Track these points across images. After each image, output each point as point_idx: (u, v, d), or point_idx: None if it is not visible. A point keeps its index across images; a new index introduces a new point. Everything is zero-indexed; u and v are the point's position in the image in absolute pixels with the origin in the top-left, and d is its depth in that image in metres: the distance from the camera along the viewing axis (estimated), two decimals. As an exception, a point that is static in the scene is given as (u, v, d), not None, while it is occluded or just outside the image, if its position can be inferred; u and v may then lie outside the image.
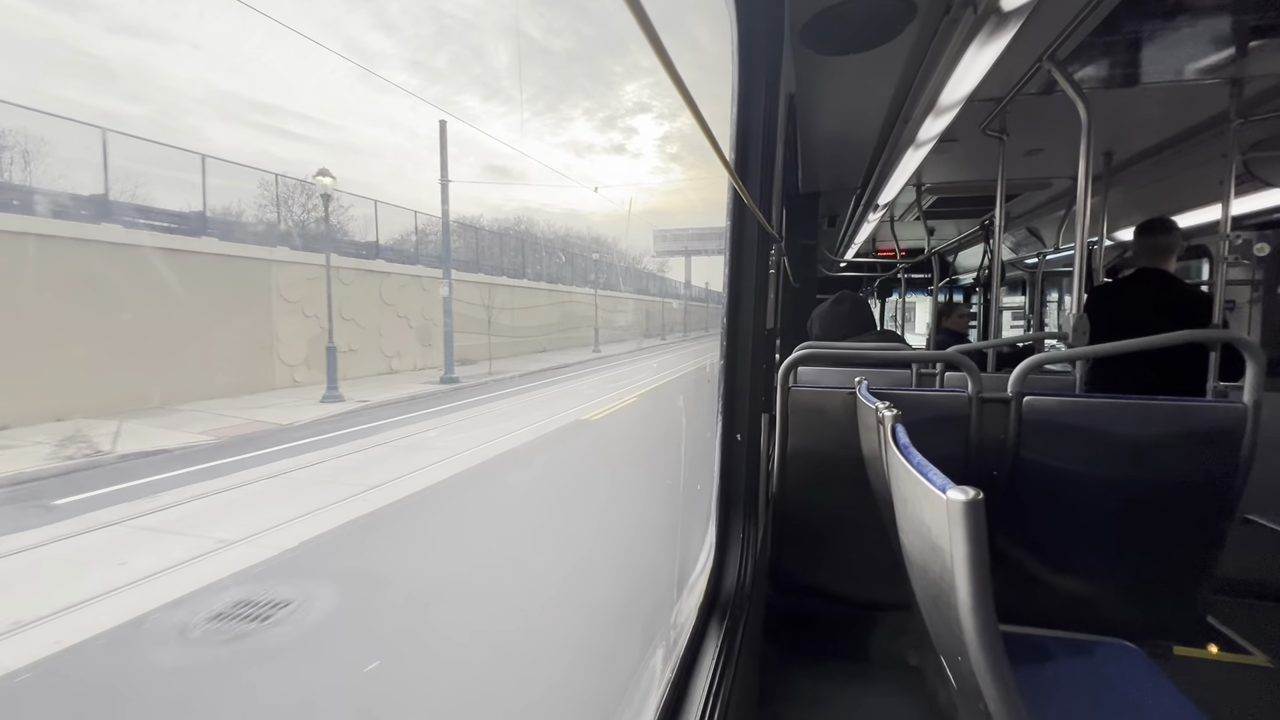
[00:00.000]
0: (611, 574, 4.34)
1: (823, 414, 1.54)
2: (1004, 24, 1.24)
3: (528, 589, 4.05)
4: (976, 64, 1.45)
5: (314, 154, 38.62)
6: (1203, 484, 1.28)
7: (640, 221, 60.96)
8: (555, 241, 32.91)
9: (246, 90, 24.45)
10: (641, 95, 51.25)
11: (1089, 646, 1.17)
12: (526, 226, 36.41)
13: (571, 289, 27.03)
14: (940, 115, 1.83)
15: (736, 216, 1.39)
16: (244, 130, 27.93)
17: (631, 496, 6.37)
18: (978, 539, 0.48)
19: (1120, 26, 1.58)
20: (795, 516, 1.65)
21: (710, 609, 1.34)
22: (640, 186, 65.52)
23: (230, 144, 15.70)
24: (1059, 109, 2.13)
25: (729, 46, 1.31)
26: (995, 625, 0.50)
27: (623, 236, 48.84)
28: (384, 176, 31.46)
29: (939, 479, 0.55)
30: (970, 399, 1.41)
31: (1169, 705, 1.01)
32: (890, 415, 0.86)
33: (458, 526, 5.30)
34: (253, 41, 32.17)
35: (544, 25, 52.33)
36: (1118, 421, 1.31)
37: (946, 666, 0.70)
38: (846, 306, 2.60)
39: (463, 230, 20.45)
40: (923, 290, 7.69)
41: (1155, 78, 1.91)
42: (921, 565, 0.68)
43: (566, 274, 28.47)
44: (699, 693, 1.03)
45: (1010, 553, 1.43)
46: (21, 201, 7.62)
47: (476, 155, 45.64)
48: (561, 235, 34.44)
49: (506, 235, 25.21)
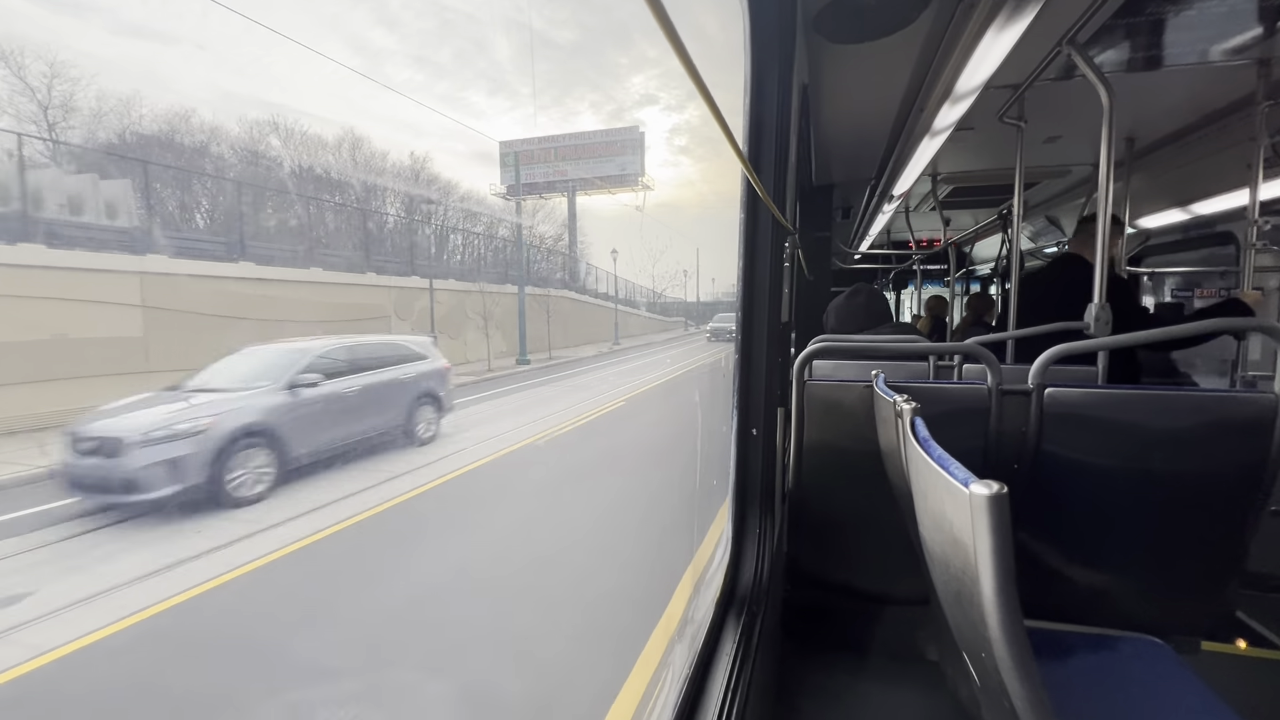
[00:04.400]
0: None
1: (839, 408, 1.53)
2: (1022, 8, 1.21)
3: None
4: (994, 50, 1.42)
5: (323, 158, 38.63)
6: (1231, 476, 1.25)
7: (651, 216, 59.71)
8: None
9: (250, 90, 24.25)
10: (648, 87, 50.02)
11: (1114, 642, 1.15)
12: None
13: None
14: (956, 103, 1.80)
15: (750, 209, 1.38)
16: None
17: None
18: (1002, 533, 0.47)
19: (1142, 8, 1.55)
20: (812, 511, 1.65)
21: (728, 604, 1.34)
22: (651, 180, 64.37)
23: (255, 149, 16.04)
24: (1079, 94, 2.09)
25: (740, 37, 1.30)
26: (1020, 621, 0.49)
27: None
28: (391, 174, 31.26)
29: (961, 473, 0.54)
30: (990, 391, 1.39)
31: (1197, 701, 0.99)
32: (909, 408, 0.85)
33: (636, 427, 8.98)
34: (255, 43, 31.78)
35: (547, 17, 50.99)
36: (1142, 413, 1.28)
37: (969, 662, 0.69)
38: (862, 299, 2.57)
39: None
40: (939, 281, 7.60)
41: (1179, 60, 1.86)
42: (943, 560, 0.67)
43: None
44: (717, 686, 1.03)
45: (1032, 547, 1.41)
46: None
47: (468, 144, 44.00)
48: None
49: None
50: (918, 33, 1.61)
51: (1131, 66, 1.90)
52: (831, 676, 1.66)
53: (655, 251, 43.46)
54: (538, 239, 29.85)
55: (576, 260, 29.40)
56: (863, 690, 1.62)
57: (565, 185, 30.87)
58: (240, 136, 17.47)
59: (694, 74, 0.51)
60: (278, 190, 15.84)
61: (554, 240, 31.56)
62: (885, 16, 1.53)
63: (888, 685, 1.63)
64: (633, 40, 45.73)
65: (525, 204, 30.98)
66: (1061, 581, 1.42)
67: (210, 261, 8.14)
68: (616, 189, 30.71)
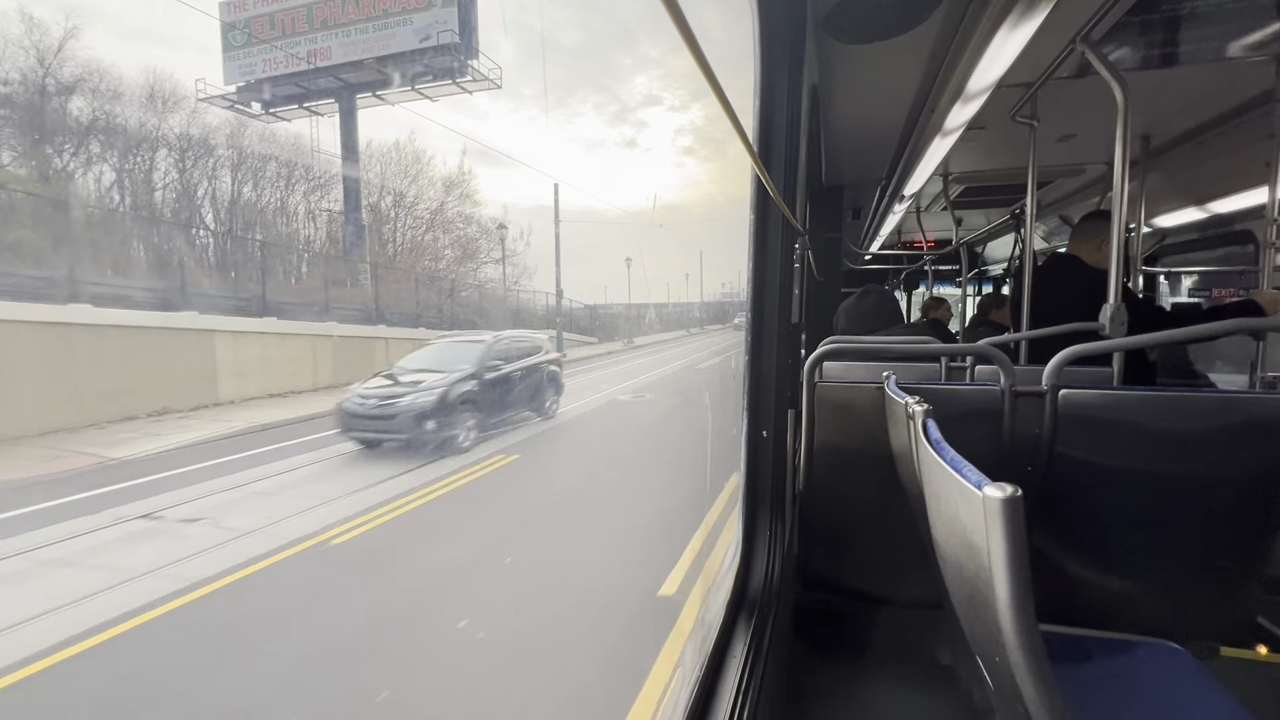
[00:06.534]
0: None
1: (850, 409, 1.52)
2: (1035, 5, 1.20)
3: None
4: (1006, 48, 1.40)
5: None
6: (1251, 478, 1.23)
7: (659, 218, 59.26)
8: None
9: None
10: (651, 88, 49.51)
11: (1131, 647, 1.14)
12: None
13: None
14: (968, 102, 1.78)
15: (760, 210, 1.38)
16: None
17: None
18: (1017, 537, 0.47)
19: (1158, 4, 1.53)
20: (823, 513, 1.64)
21: (738, 606, 1.34)
22: (655, 181, 63.64)
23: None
24: (1093, 92, 2.06)
25: (750, 38, 1.30)
26: (1035, 625, 0.49)
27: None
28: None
29: (975, 475, 0.54)
30: (1003, 392, 1.38)
31: (1216, 707, 0.97)
32: (921, 410, 0.84)
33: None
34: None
35: (549, 18, 50.66)
36: (1159, 415, 1.26)
37: (983, 666, 0.69)
38: (873, 300, 2.56)
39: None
40: (951, 282, 7.54)
41: (1195, 57, 1.83)
42: (956, 563, 0.67)
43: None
44: (728, 688, 1.03)
45: (1046, 550, 1.40)
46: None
47: (466, 142, 43.32)
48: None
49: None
50: (929, 32, 1.60)
51: (1146, 64, 1.88)
52: (842, 679, 1.65)
53: (656, 277, 43.72)
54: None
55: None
56: (874, 693, 1.61)
57: (333, 85, 15.83)
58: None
59: (708, 73, 0.51)
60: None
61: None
62: (896, 16, 1.52)
63: (899, 688, 1.61)
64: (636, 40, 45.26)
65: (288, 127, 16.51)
66: (1076, 585, 1.40)
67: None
68: (428, 85, 16.83)
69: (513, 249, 24.74)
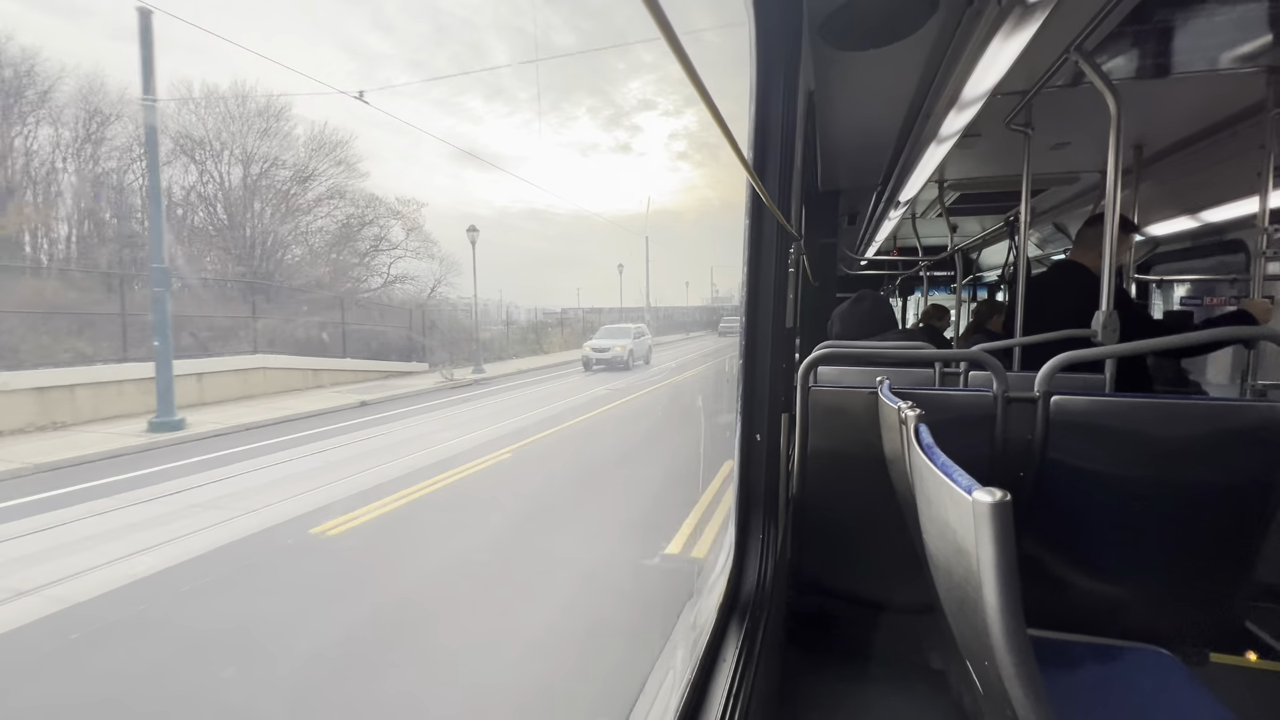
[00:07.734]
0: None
1: (843, 414, 1.52)
2: (1029, 15, 1.21)
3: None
4: (1001, 57, 1.42)
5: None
6: (1241, 486, 1.24)
7: (651, 223, 59.10)
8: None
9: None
10: (645, 92, 49.60)
11: (1121, 652, 1.14)
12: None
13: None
14: (963, 110, 1.79)
15: (755, 215, 1.39)
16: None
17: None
18: (1005, 542, 0.47)
19: (1150, 15, 1.54)
20: (816, 517, 1.64)
21: (730, 609, 1.34)
22: (650, 186, 63.47)
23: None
24: (1087, 101, 2.08)
25: (746, 44, 1.30)
26: (1024, 630, 0.49)
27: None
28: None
29: (965, 480, 0.54)
30: (996, 398, 1.38)
31: (1205, 714, 0.98)
32: (913, 415, 0.84)
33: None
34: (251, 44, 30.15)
35: (543, 21, 50.72)
36: (1150, 421, 1.27)
37: (972, 670, 0.69)
38: (867, 305, 2.57)
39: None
40: (945, 288, 7.57)
41: (1188, 67, 1.85)
42: (946, 568, 0.67)
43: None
44: (719, 693, 1.03)
45: (1037, 555, 1.40)
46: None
47: (464, 146, 43.05)
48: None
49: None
50: (924, 39, 1.61)
51: (1140, 74, 1.90)
52: (835, 683, 1.65)
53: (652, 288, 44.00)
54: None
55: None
56: (866, 697, 1.61)
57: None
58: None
59: (698, 84, 0.51)
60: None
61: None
62: (892, 23, 1.53)
63: (891, 693, 1.61)
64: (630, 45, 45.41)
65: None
66: (1067, 591, 1.40)
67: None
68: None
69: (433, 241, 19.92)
